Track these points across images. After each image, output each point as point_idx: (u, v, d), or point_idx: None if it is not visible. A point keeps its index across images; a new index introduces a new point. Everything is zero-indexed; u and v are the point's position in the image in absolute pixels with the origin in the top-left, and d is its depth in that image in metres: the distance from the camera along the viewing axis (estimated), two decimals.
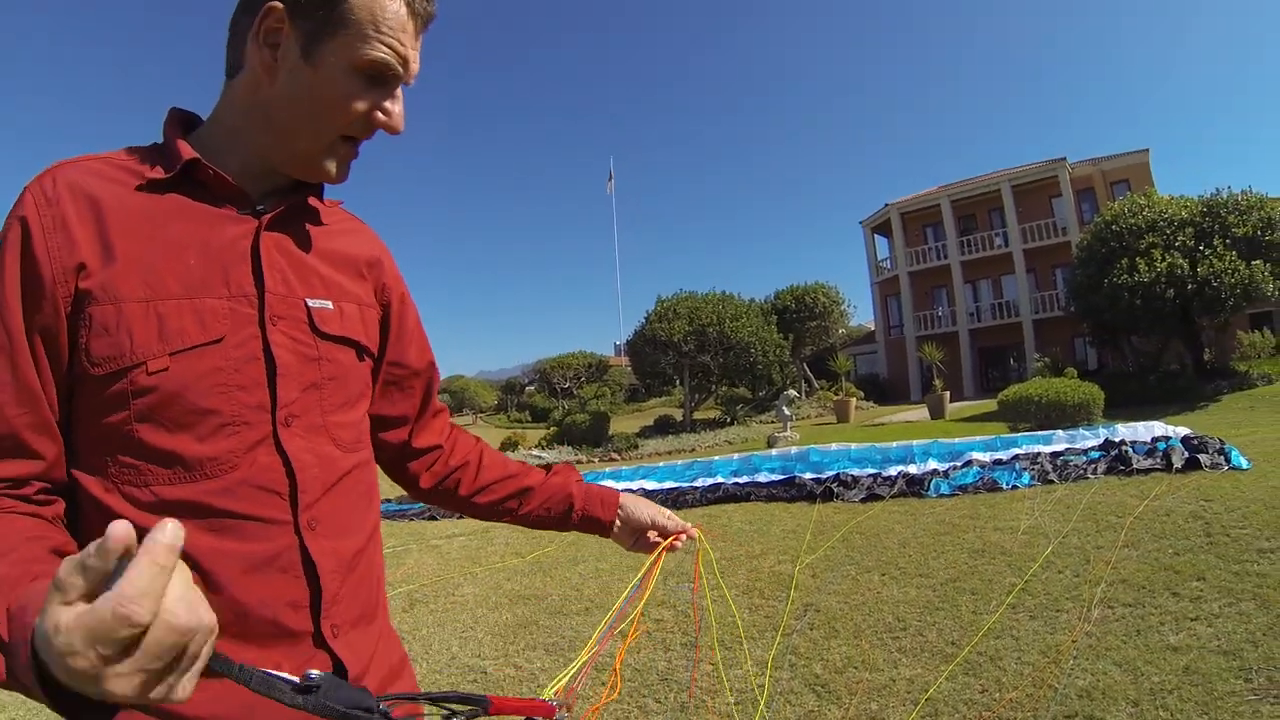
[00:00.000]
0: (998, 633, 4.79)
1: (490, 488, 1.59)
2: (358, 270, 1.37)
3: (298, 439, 1.17)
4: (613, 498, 1.65)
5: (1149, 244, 24.21)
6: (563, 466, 1.70)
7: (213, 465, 1.08)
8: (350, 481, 1.27)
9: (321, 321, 1.24)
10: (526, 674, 5.06)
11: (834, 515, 9.14)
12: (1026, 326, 38.79)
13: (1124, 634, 4.52)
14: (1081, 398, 16.03)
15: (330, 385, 1.24)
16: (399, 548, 9.87)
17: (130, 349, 1.05)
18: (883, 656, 4.69)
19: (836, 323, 38.62)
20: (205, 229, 1.15)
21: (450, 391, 69.80)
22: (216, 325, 1.11)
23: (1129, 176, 37.88)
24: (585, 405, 35.78)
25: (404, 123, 1.23)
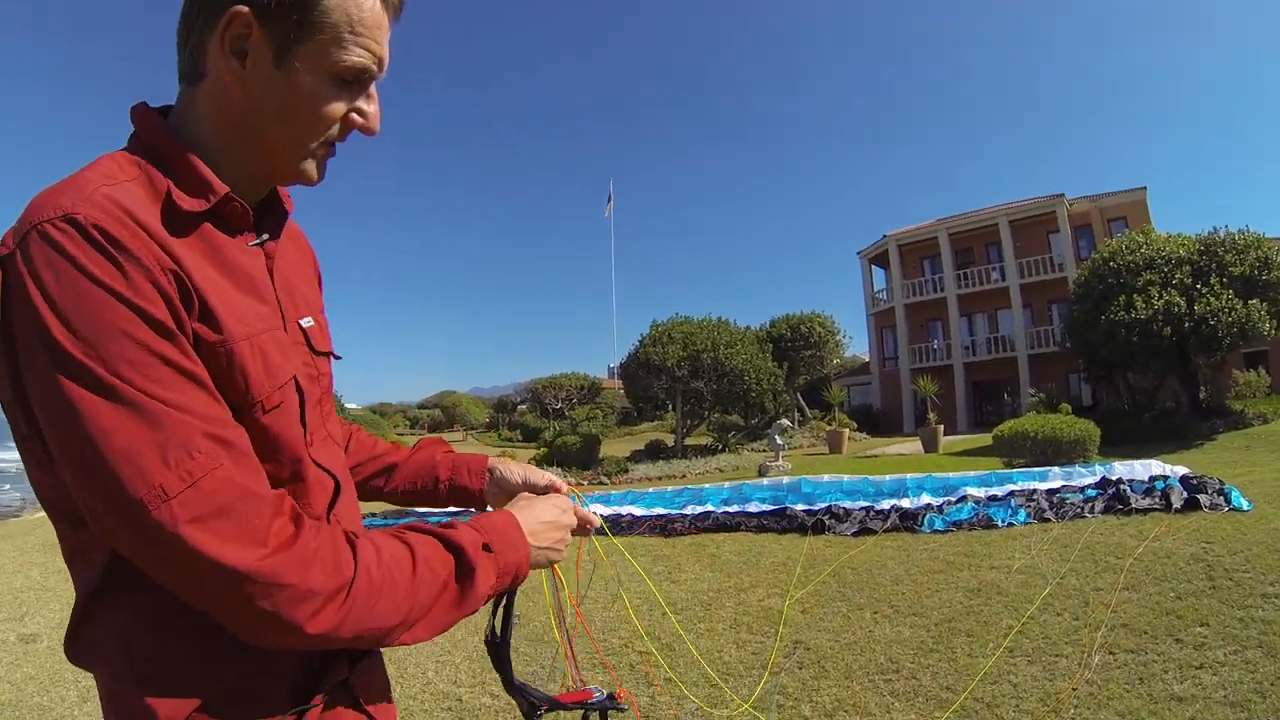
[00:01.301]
0: (995, 678, 4.61)
1: (357, 468, 1.59)
2: (311, 277, 1.42)
3: (322, 453, 1.24)
4: (480, 464, 1.66)
5: (1146, 281, 24.14)
6: (430, 440, 1.74)
7: (310, 494, 1.18)
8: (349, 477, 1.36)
9: (314, 339, 1.28)
10: (503, 703, 4.85)
11: (825, 548, 8.95)
12: (1022, 361, 38.70)
13: (1126, 682, 4.33)
14: (1077, 434, 15.86)
15: (326, 398, 1.32)
16: None
17: (246, 387, 1.05)
18: (875, 700, 4.50)
19: (831, 353, 38.51)
20: (240, 260, 1.13)
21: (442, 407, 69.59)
22: (294, 359, 1.18)
23: (1126, 214, 37.92)
24: (576, 427, 35.57)
25: (379, 123, 1.19)
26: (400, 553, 1.07)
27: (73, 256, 0.89)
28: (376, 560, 1.03)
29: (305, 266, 1.39)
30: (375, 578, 1.02)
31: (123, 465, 0.87)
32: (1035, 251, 39.74)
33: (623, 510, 12.39)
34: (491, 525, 1.24)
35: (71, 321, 0.88)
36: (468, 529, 1.19)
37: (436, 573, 1.09)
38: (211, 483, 0.91)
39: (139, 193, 1.00)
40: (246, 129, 1.10)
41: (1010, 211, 40.58)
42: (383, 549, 1.06)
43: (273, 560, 0.93)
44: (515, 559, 1.23)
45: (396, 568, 1.05)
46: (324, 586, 0.96)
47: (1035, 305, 39.62)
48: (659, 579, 7.89)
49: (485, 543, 1.17)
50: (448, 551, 1.13)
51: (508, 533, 1.25)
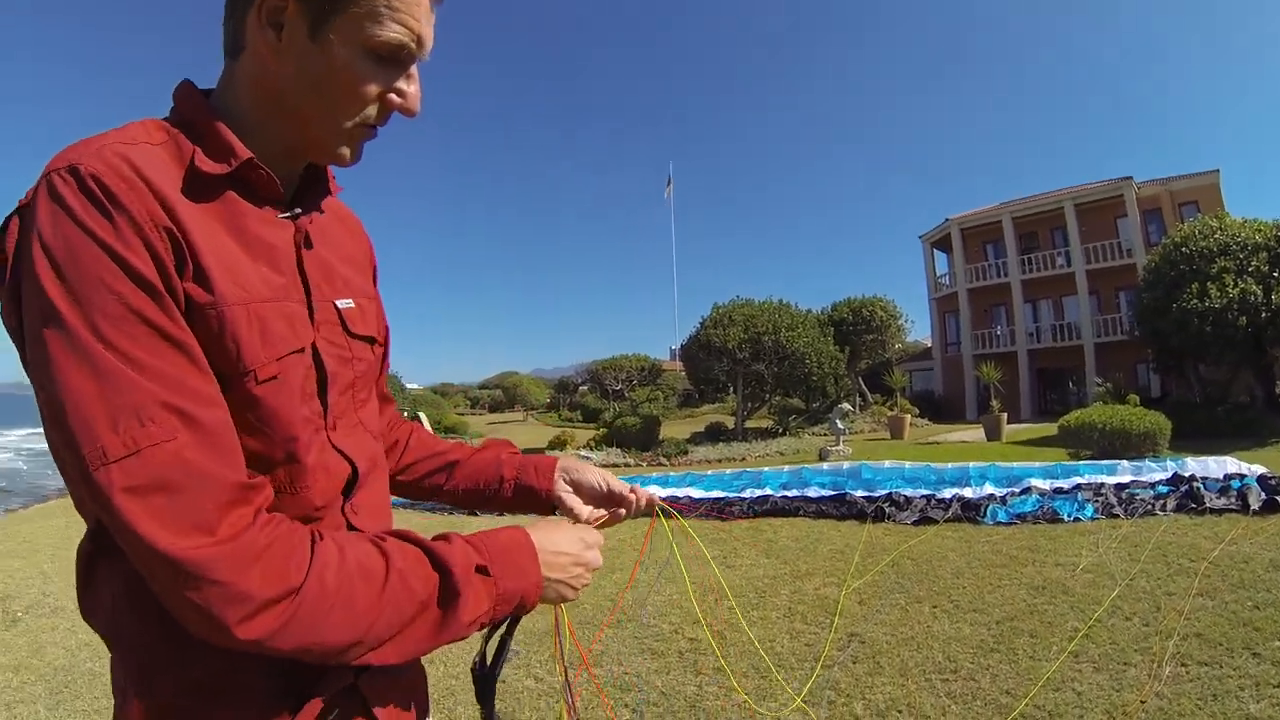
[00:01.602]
0: (1058, 684, 4.42)
1: (414, 465, 1.57)
2: (360, 263, 1.37)
3: (345, 439, 1.18)
4: (549, 464, 1.56)
5: (1220, 268, 23.22)
6: (496, 440, 1.67)
7: (310, 476, 1.10)
8: (380, 468, 1.31)
9: (351, 322, 1.23)
10: (546, 687, 4.78)
11: (884, 537, 8.80)
12: (1088, 349, 37.67)
13: (1198, 697, 4.11)
14: (1147, 427, 15.36)
15: (360, 383, 1.25)
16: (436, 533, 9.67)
17: (237, 355, 1.00)
18: (930, 701, 4.35)
19: (893, 337, 37.99)
20: (262, 229, 1.10)
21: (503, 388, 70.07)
22: (303, 331, 1.11)
23: (1198, 198, 36.49)
24: (636, 408, 35.54)
25: (420, 104, 1.14)
26: (371, 563, 0.97)
27: (69, 205, 0.89)
28: (336, 569, 0.94)
29: (354, 251, 1.35)
30: (329, 588, 0.92)
31: (75, 419, 0.85)
32: (1102, 236, 38.47)
33: (680, 492, 12.33)
34: (496, 544, 1.12)
35: (61, 269, 0.87)
36: (463, 545, 1.08)
37: (413, 591, 0.99)
38: (158, 455, 0.86)
39: (158, 154, 0.99)
40: (282, 102, 1.08)
41: (1076, 195, 39.26)
42: (348, 556, 0.96)
43: (206, 552, 0.85)
44: (519, 586, 1.11)
45: (361, 580, 0.95)
46: (261, 591, 0.87)
47: (1102, 292, 38.45)
48: (715, 564, 7.78)
49: (482, 564, 1.07)
50: (433, 569, 1.02)
51: (514, 555, 1.13)
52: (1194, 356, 25.14)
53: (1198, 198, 36.35)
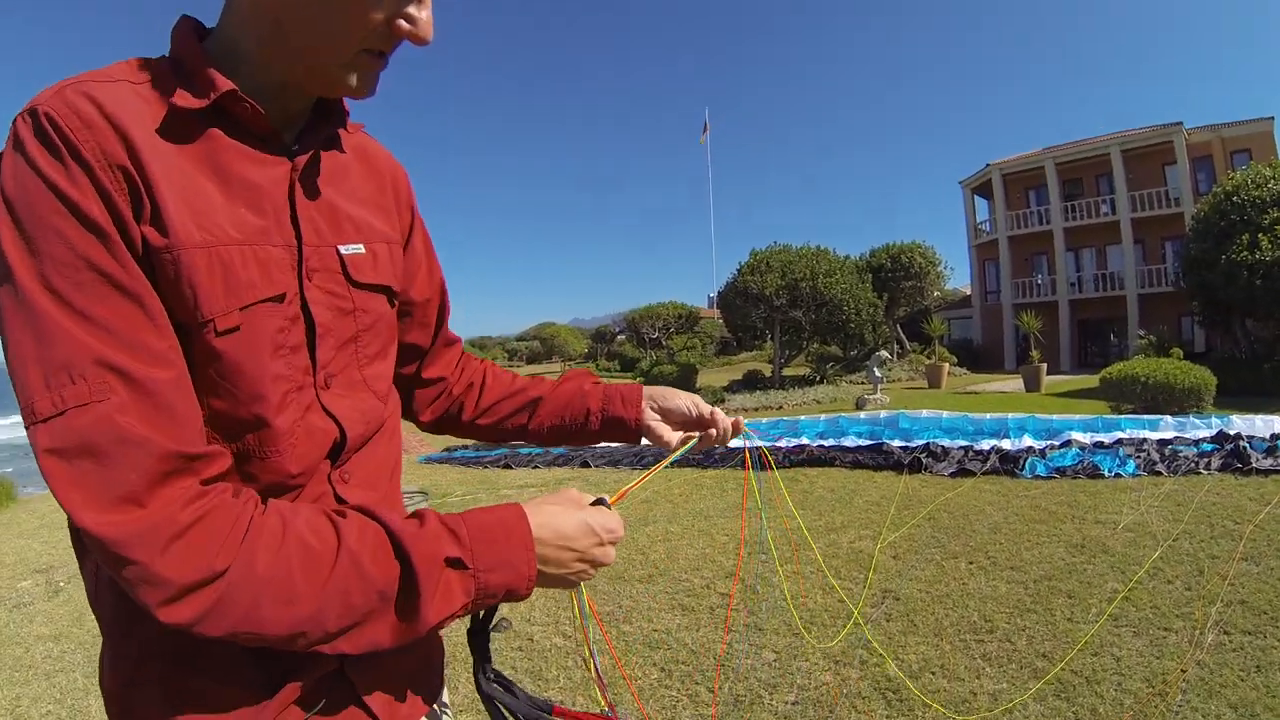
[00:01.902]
0: (1096, 648, 4.33)
1: (494, 407, 1.51)
2: (384, 203, 1.24)
3: (340, 399, 1.09)
4: (635, 392, 1.48)
5: (1274, 219, 22.47)
6: (577, 371, 1.58)
7: (283, 440, 0.99)
8: (382, 433, 1.19)
9: (356, 270, 1.12)
10: (574, 644, 4.77)
11: (921, 489, 8.72)
12: (1131, 300, 36.96)
13: (1241, 668, 4.00)
14: (1192, 382, 15.01)
15: (366, 337, 1.14)
16: (467, 496, 9.71)
17: (195, 304, 0.91)
18: (964, 663, 4.28)
19: (932, 284, 37.56)
20: (246, 168, 1.00)
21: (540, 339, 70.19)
22: (281, 278, 1.01)
23: (1251, 146, 35.35)
24: (674, 356, 35.51)
25: (432, 31, 1.02)
26: (318, 545, 0.86)
27: (26, 149, 0.84)
28: (271, 551, 0.83)
29: (373, 190, 1.23)
30: (258, 574, 0.82)
31: (17, 376, 0.81)
32: (1149, 184, 37.51)
33: None
34: (481, 531, 0.96)
35: (17, 215, 0.83)
36: (436, 531, 0.93)
37: (368, 579, 0.86)
38: (84, 417, 0.79)
39: (136, 92, 0.93)
40: (281, 28, 0.98)
41: (1123, 141, 38.21)
42: (290, 537, 0.85)
43: (124, 529, 0.77)
44: (504, 580, 0.96)
45: (301, 565, 0.84)
46: (179, 575, 0.78)
47: (1147, 242, 37.61)
48: (750, 515, 7.71)
49: (454, 556, 0.92)
50: (394, 556, 0.89)
51: (502, 543, 0.97)
52: (1241, 310, 24.51)
53: (1251, 146, 35.31)
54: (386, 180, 1.27)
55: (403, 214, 1.29)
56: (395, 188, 1.28)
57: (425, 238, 1.37)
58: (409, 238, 1.30)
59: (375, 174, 1.24)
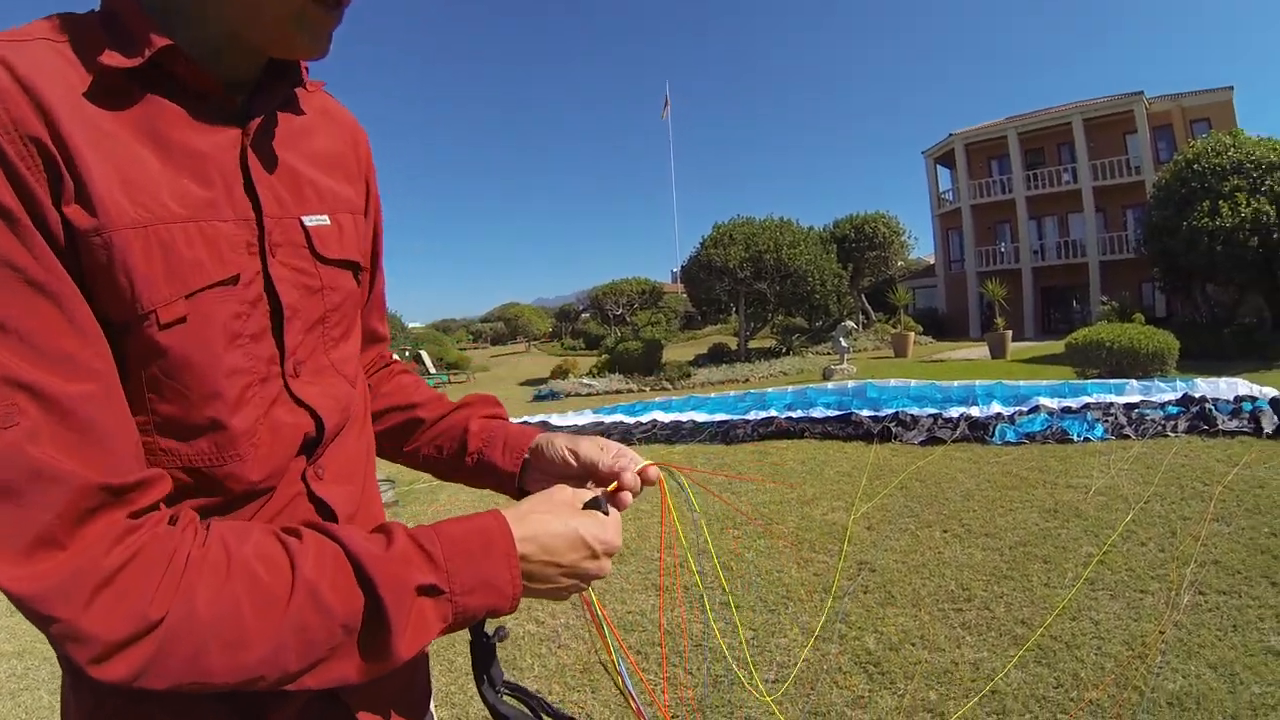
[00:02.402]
0: (1074, 613, 4.32)
1: (381, 415, 1.32)
2: (348, 169, 1.12)
3: (309, 387, 0.97)
4: (523, 439, 1.22)
5: (1234, 187, 22.70)
6: (478, 397, 1.35)
7: (243, 443, 0.87)
8: (356, 419, 1.08)
9: (322, 244, 1.00)
10: (549, 630, 4.69)
11: (892, 458, 8.71)
12: (1093, 267, 37.31)
13: (1218, 628, 4.01)
14: (1156, 346, 15.12)
15: (333, 317, 1.03)
16: (435, 483, 9.55)
17: (132, 294, 0.78)
18: (944, 633, 4.25)
19: (896, 254, 37.61)
20: (190, 135, 0.87)
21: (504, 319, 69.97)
22: (233, 257, 0.88)
23: (1210, 115, 35.71)
24: (638, 332, 35.44)
25: None
26: (270, 577, 0.74)
27: None
28: (215, 590, 0.71)
29: (337, 154, 1.10)
30: (201, 619, 0.69)
31: None
32: (1110, 153, 37.83)
33: (683, 417, 12.21)
34: (458, 547, 0.84)
35: None
36: (406, 549, 0.81)
37: (329, 613, 0.74)
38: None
39: (56, 52, 0.79)
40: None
41: (1084, 110, 38.48)
42: (236, 569, 0.73)
43: (39, 583, 0.65)
44: (485, 602, 0.85)
45: (251, 602, 0.72)
46: (107, 630, 0.66)
47: (1109, 210, 37.96)
48: (719, 489, 7.65)
49: (427, 583, 0.80)
50: (358, 584, 0.77)
51: (482, 561, 0.85)
52: (1202, 276, 24.78)
53: (1210, 115, 35.63)
54: (349, 143, 1.15)
55: (361, 180, 1.17)
56: (357, 151, 1.16)
57: (377, 210, 1.23)
58: (367, 207, 1.17)
59: (338, 136, 1.13)
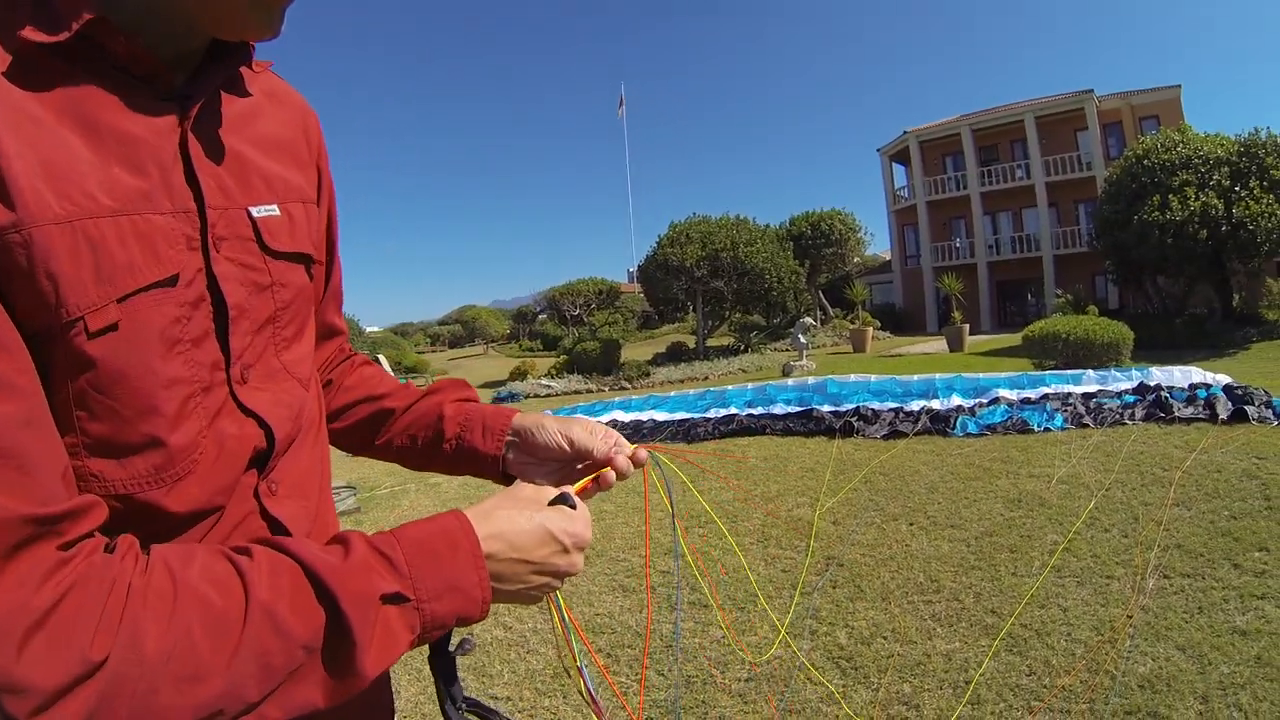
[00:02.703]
0: (1042, 601, 4.33)
1: (348, 411, 1.24)
2: (298, 154, 1.04)
3: (259, 393, 0.90)
4: (502, 420, 1.16)
5: (1182, 181, 23.24)
6: (448, 382, 1.28)
7: (183, 460, 0.79)
8: (311, 427, 1.01)
9: (271, 236, 0.93)
10: (517, 635, 4.61)
11: (855, 452, 8.71)
12: (1047, 261, 37.94)
13: (1185, 610, 4.04)
14: (1111, 337, 15.34)
15: (284, 316, 0.96)
16: (396, 487, 9.43)
17: (56, 299, 0.69)
18: (915, 625, 4.24)
19: (853, 250, 37.83)
20: (121, 119, 0.78)
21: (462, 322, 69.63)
22: (171, 254, 0.79)
23: (1159, 113, 36.55)
24: (595, 333, 35.29)
25: None
26: (222, 602, 0.66)
27: None
28: (163, 623, 0.63)
29: (286, 139, 1.03)
30: (149, 657, 0.61)
31: None
32: (1062, 149, 38.54)
33: (644, 416, 12.15)
34: (420, 550, 0.78)
35: None
36: (366, 558, 0.74)
37: (289, 635, 0.67)
38: None
39: None
40: None
41: (1036, 108, 39.20)
42: (184, 598, 0.65)
43: None
44: (454, 608, 0.78)
45: (204, 631, 0.64)
46: (44, 678, 0.57)
47: (1061, 205, 38.63)
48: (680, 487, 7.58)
49: (392, 591, 0.74)
50: (317, 600, 0.70)
51: (448, 565, 0.79)
52: (1153, 268, 25.30)
53: (1159, 112, 36.49)
54: (299, 127, 1.07)
55: (313, 167, 1.09)
56: (308, 135, 1.08)
57: (329, 198, 1.15)
58: (319, 195, 1.10)
59: (287, 119, 1.05)
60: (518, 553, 0.84)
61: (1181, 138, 24.92)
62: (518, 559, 0.84)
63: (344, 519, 7.95)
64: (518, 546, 0.84)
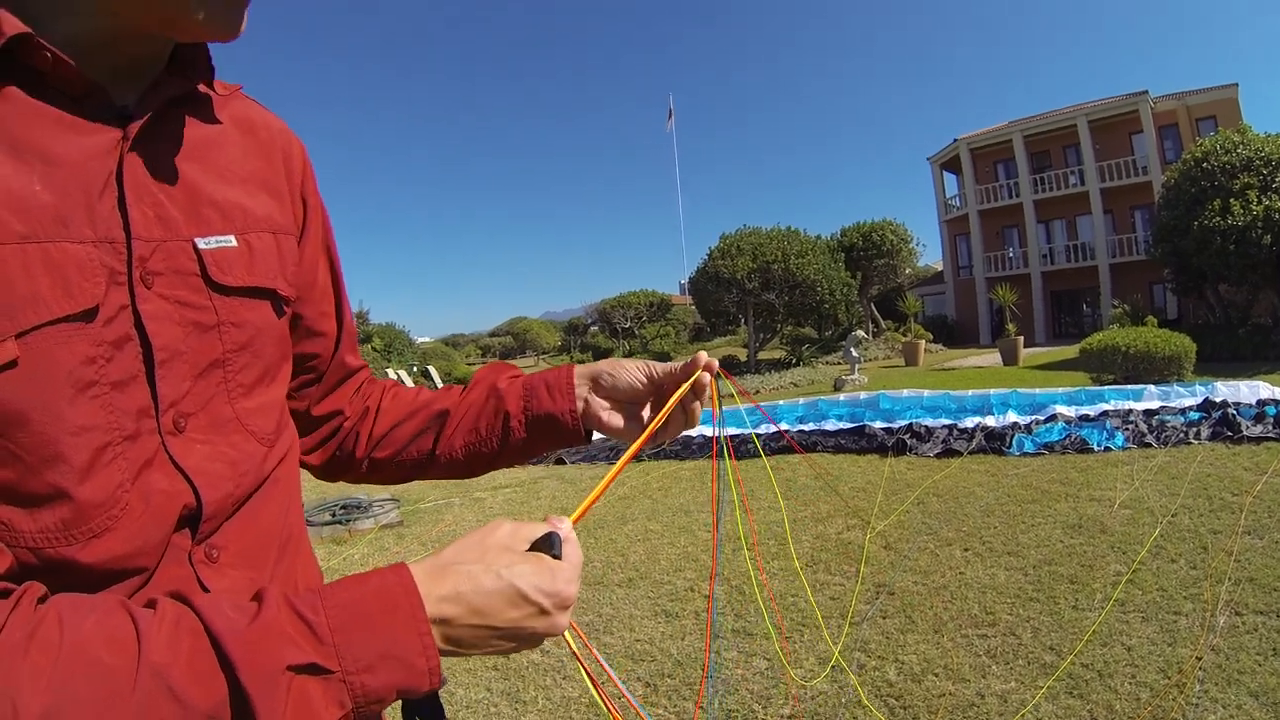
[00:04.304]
0: (1105, 638, 4.11)
1: (391, 434, 1.14)
2: (272, 183, 0.96)
3: (198, 446, 0.80)
4: (565, 376, 1.11)
5: (1244, 185, 22.45)
6: (489, 367, 1.19)
7: (99, 517, 0.70)
8: (271, 487, 0.90)
9: (219, 269, 0.83)
10: (554, 660, 4.48)
11: (907, 472, 8.52)
12: (1103, 270, 37.12)
13: (1258, 652, 3.79)
14: (1173, 349, 14.89)
15: (240, 359, 0.86)
16: (440, 501, 9.38)
17: None
18: (969, 661, 4.04)
19: (905, 261, 37.42)
20: (49, 138, 0.70)
21: (513, 333, 70.13)
22: (86, 287, 0.70)
23: (1216, 113, 35.58)
24: (647, 345, 35.30)
25: None
26: (111, 659, 0.57)
27: None
28: (43, 678, 0.54)
29: (257, 167, 0.94)
30: (26, 714, 0.53)
31: None
32: (1117, 154, 37.65)
33: (694, 431, 11.97)
34: (347, 613, 0.66)
35: None
36: (275, 625, 0.63)
37: (186, 705, 0.57)
38: None
39: None
40: None
41: (1089, 111, 38.33)
42: (67, 652, 0.56)
43: None
44: (392, 681, 0.66)
45: (89, 689, 0.55)
46: None
47: (1117, 211, 37.76)
48: (729, 507, 7.44)
49: (305, 662, 0.63)
50: (219, 667, 0.60)
51: (382, 631, 0.67)
52: (1214, 277, 24.53)
53: (1215, 113, 35.51)
54: (276, 154, 0.98)
55: (295, 198, 1.00)
56: (288, 163, 0.99)
57: (323, 231, 1.06)
58: (304, 230, 1.01)
59: (260, 147, 0.96)
60: (480, 618, 0.71)
61: (1241, 139, 24.10)
62: (480, 625, 0.72)
63: (386, 533, 7.90)
64: (480, 610, 0.71)
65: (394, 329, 41.67)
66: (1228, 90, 36.28)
